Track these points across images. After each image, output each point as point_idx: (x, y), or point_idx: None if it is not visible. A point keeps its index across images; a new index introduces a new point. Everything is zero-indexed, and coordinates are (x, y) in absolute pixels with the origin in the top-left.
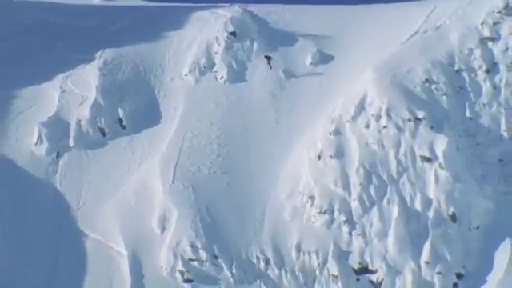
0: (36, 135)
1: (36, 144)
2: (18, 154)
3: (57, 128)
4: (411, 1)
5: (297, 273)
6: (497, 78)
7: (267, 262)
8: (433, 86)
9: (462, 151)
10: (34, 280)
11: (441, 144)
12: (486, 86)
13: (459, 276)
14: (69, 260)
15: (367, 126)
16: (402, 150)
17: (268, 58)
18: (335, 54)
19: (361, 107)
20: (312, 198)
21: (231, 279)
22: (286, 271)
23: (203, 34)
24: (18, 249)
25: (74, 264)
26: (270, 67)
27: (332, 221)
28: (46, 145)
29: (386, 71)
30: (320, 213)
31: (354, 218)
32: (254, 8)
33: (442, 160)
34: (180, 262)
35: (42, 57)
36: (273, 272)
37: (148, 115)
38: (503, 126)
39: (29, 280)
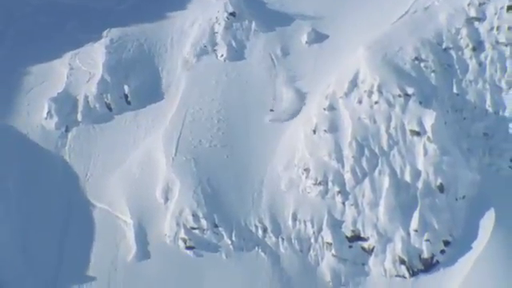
0: (46, 110)
1: (46, 118)
2: (29, 128)
3: (66, 103)
4: None
5: (293, 240)
6: (482, 56)
7: (265, 230)
8: (422, 64)
9: (449, 125)
10: (45, 247)
11: (429, 119)
12: (473, 64)
13: (446, 243)
14: (78, 228)
15: (360, 102)
16: (392, 125)
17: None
18: (329, 34)
19: (354, 84)
20: (307, 170)
21: (231, 246)
22: (282, 239)
23: (204, 14)
24: (30, 218)
25: (82, 232)
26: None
27: (326, 191)
28: (55, 119)
29: (377, 50)
30: (315, 184)
31: (347, 189)
32: None
33: (430, 134)
34: (182, 231)
35: (52, 36)
36: (270, 240)
37: (152, 91)
38: (488, 102)
39: (40, 247)
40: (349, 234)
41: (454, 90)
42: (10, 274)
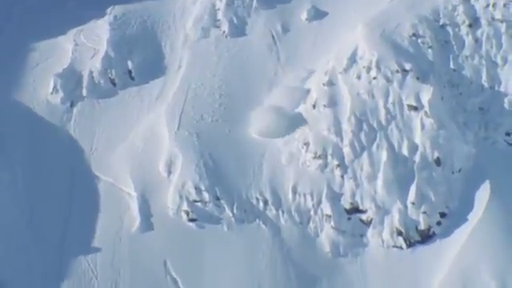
0: (52, 85)
1: (52, 93)
2: (35, 103)
3: (71, 79)
4: None
5: (293, 213)
6: (478, 32)
7: (266, 202)
8: (419, 40)
9: (445, 100)
10: (51, 219)
11: (426, 94)
12: (469, 40)
13: (443, 215)
14: (83, 201)
15: (358, 78)
16: (390, 100)
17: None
18: (329, 11)
19: (352, 60)
20: (307, 144)
21: (232, 218)
22: (283, 211)
23: None
24: (36, 191)
25: (87, 204)
26: None
27: (325, 165)
28: (60, 94)
29: (375, 27)
30: (314, 158)
31: (346, 163)
32: None
33: (427, 108)
34: (185, 203)
35: (57, 13)
36: (271, 212)
37: (155, 67)
38: (484, 77)
39: (46, 219)
40: (347, 206)
41: (451, 66)
42: (16, 246)
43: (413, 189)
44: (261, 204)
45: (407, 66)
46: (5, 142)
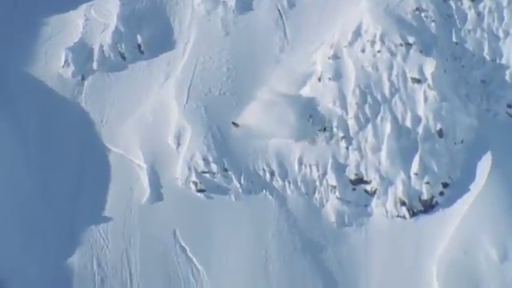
0: (63, 59)
1: (63, 67)
2: (47, 76)
3: (82, 52)
4: None
5: (299, 183)
6: (481, 6)
7: (272, 173)
8: (422, 14)
9: (448, 73)
10: (63, 190)
11: (429, 67)
12: (471, 14)
13: (445, 185)
14: (94, 172)
15: (363, 51)
16: (394, 73)
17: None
18: None
19: (357, 34)
20: (313, 116)
21: (240, 189)
22: (289, 182)
23: None
24: (49, 162)
25: (98, 175)
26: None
27: (331, 137)
28: (72, 68)
29: (380, 1)
30: (320, 130)
31: (351, 134)
32: None
33: (430, 81)
34: (194, 174)
35: None
36: (277, 183)
37: (164, 41)
38: (486, 50)
39: (58, 190)
40: (352, 177)
41: (454, 39)
42: (30, 216)
43: (416, 160)
44: (267, 175)
45: (411, 40)
46: (18, 115)
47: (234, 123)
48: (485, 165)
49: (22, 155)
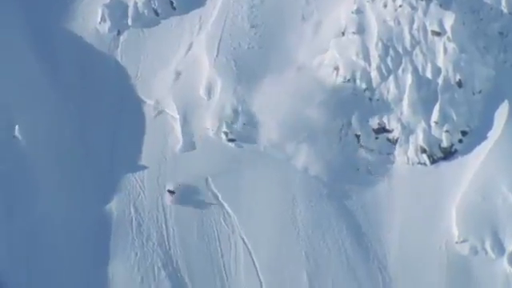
0: (100, 15)
1: (100, 23)
2: (84, 32)
3: (117, 9)
4: None
5: None
6: None
7: None
8: None
9: (467, 26)
10: (101, 140)
11: (449, 20)
12: None
13: (464, 133)
14: (130, 123)
15: (385, 6)
16: (415, 26)
17: (171, 192)
18: None
19: None
20: (337, 68)
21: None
22: None
23: None
24: (87, 113)
25: (134, 126)
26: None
27: (354, 88)
28: (108, 23)
29: None
30: (344, 81)
31: (374, 86)
32: None
33: (449, 34)
34: (224, 125)
35: None
36: None
37: None
38: (504, 3)
39: (96, 140)
40: (375, 126)
41: None
42: (71, 166)
43: (436, 109)
44: None
45: None
46: (58, 69)
47: (169, 191)
48: (502, 113)
49: (63, 107)
